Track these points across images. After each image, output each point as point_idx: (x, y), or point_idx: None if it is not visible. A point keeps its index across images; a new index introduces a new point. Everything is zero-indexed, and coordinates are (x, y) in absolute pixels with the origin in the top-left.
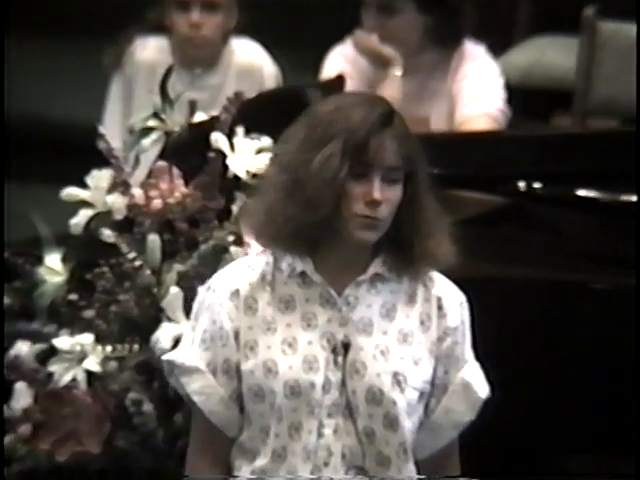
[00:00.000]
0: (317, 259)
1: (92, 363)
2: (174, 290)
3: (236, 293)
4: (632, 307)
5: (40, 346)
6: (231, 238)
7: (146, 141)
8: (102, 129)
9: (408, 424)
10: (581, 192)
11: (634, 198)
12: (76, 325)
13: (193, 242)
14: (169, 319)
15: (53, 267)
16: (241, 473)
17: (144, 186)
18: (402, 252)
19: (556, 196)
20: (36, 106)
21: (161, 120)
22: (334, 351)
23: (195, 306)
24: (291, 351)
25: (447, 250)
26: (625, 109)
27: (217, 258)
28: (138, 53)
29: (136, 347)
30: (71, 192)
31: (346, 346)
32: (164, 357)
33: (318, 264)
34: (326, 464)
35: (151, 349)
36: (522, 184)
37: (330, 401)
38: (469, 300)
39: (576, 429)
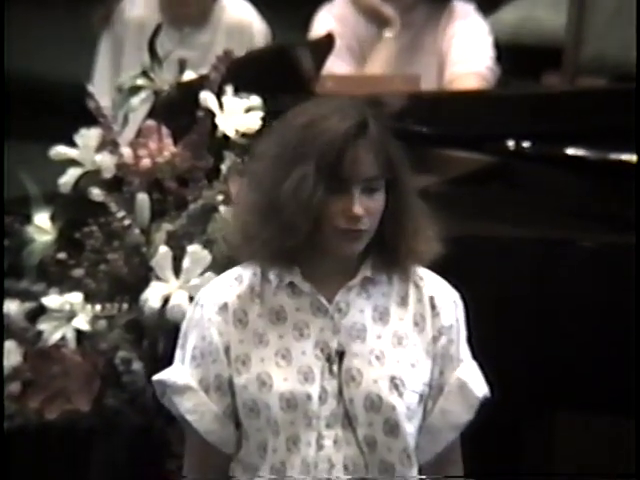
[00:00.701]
0: (305, 267)
1: (81, 322)
2: (163, 249)
3: (224, 307)
4: (620, 265)
5: (29, 305)
6: (220, 197)
7: (135, 100)
8: (91, 88)
9: (409, 429)
10: (570, 151)
11: (624, 157)
12: (65, 284)
13: (182, 201)
14: (158, 278)
15: (42, 226)
16: None
17: (133, 145)
18: (389, 253)
19: (545, 155)
20: (25, 65)
21: (150, 79)
22: (329, 360)
23: (184, 323)
24: (285, 363)
25: (433, 247)
26: (615, 66)
27: (206, 217)
28: (127, 11)
29: (125, 306)
30: (60, 151)
31: (340, 354)
32: (154, 377)
33: (306, 272)
34: (328, 477)
35: (140, 308)
36: (511, 143)
37: (328, 411)
38: (462, 298)
39: (566, 385)
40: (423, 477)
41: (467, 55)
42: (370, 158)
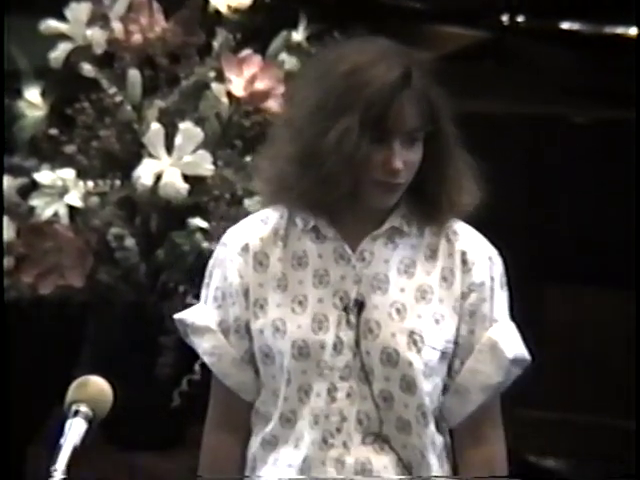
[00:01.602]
0: (332, 213)
1: (74, 198)
2: (155, 126)
3: (246, 248)
4: (614, 140)
5: (21, 180)
6: (212, 74)
7: None
8: None
9: (427, 386)
10: (565, 25)
11: (620, 30)
12: (57, 160)
13: (174, 78)
14: (150, 155)
15: (33, 101)
16: (255, 440)
17: (124, 20)
18: (427, 205)
19: (540, 30)
20: None
21: None
22: (346, 309)
23: (210, 262)
24: (301, 309)
25: (474, 198)
26: None
27: (198, 94)
28: None
29: (117, 183)
30: (50, 25)
31: (360, 304)
32: (176, 316)
33: (333, 218)
34: (338, 430)
35: (132, 185)
36: (505, 18)
37: (343, 363)
38: (502, 257)
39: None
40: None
41: None
42: (413, 109)
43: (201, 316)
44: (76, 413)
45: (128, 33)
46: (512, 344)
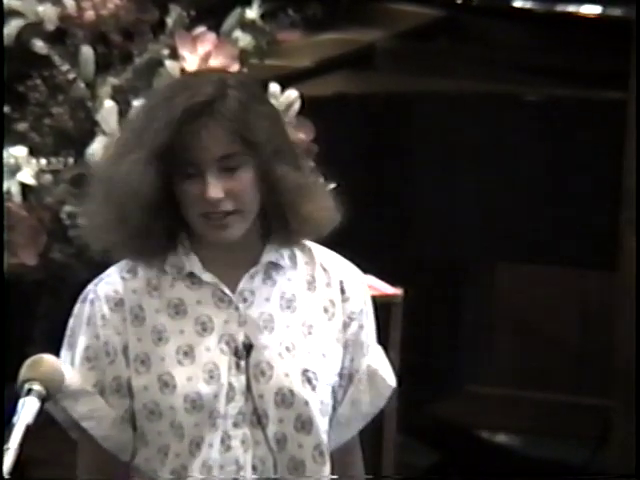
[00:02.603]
0: (204, 255)
1: (26, 176)
2: (109, 104)
3: (120, 303)
4: (565, 117)
5: None
6: (166, 51)
7: None
8: None
9: (323, 424)
10: (517, 3)
11: (571, 8)
12: (9, 138)
13: (128, 55)
14: (104, 133)
15: None
16: None
17: None
18: (279, 229)
19: (493, 8)
20: None
21: None
22: (236, 354)
23: (71, 321)
24: (188, 361)
25: (329, 214)
26: None
27: (152, 72)
28: None
29: (71, 160)
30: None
31: (248, 347)
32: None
33: (206, 261)
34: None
35: (86, 162)
36: None
37: (235, 410)
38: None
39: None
40: (334, 477)
41: None
42: (220, 136)
43: (72, 380)
44: (29, 391)
45: (81, 9)
46: (388, 370)
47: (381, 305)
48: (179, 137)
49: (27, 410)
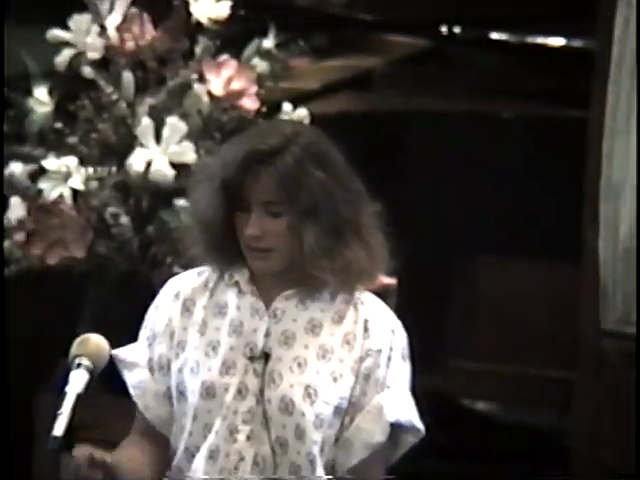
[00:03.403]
0: (252, 271)
1: (76, 182)
2: (146, 121)
3: (177, 295)
4: (537, 133)
5: (31, 167)
6: (195, 76)
7: None
8: None
9: (316, 437)
10: (494, 35)
11: (539, 40)
12: (62, 149)
13: (162, 79)
14: (142, 145)
15: (41, 99)
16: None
17: (119, 30)
18: (312, 279)
19: (473, 39)
20: None
21: None
22: (252, 359)
23: (151, 306)
24: (214, 354)
25: (375, 268)
26: None
27: (182, 93)
28: None
29: (114, 169)
30: (55, 34)
31: (266, 356)
32: (112, 352)
33: (252, 276)
34: (236, 468)
35: (127, 171)
36: (444, 29)
37: (246, 407)
38: (407, 330)
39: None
40: (330, 477)
41: None
42: (272, 184)
43: (133, 353)
44: (79, 365)
45: (122, 41)
46: (399, 410)
47: (378, 294)
48: (238, 176)
49: (77, 381)
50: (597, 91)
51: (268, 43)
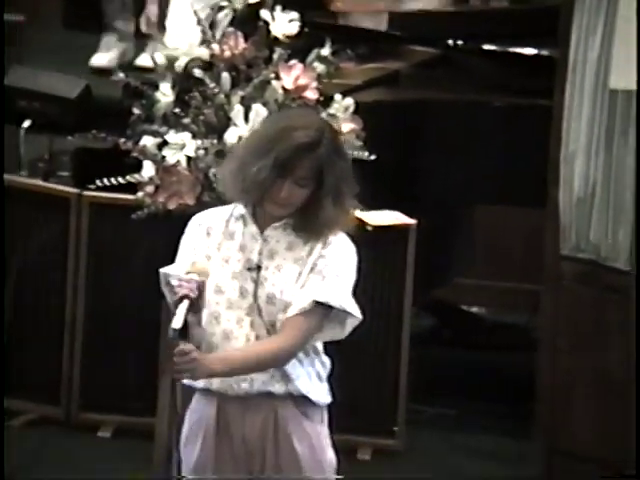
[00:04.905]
0: (256, 210)
1: (189, 150)
2: (238, 107)
3: (202, 223)
4: (520, 118)
5: (158, 140)
6: (272, 75)
7: (220, 15)
8: (195, 4)
9: (290, 314)
10: (486, 47)
11: (519, 50)
12: (179, 128)
13: (249, 77)
14: (235, 125)
15: (165, 92)
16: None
17: (220, 43)
18: (305, 224)
19: (471, 49)
20: None
21: (229, 1)
22: (249, 269)
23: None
24: (226, 265)
25: (338, 228)
26: None
27: (264, 87)
28: None
29: (215, 142)
30: (174, 45)
31: (258, 267)
32: (160, 270)
33: (254, 213)
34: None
35: (224, 143)
36: (450, 41)
37: (247, 304)
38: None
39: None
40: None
41: None
42: (308, 166)
43: (177, 267)
44: (189, 281)
45: (222, 51)
46: (330, 295)
47: (402, 231)
48: (288, 159)
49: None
50: (558, 86)
51: (325, 52)
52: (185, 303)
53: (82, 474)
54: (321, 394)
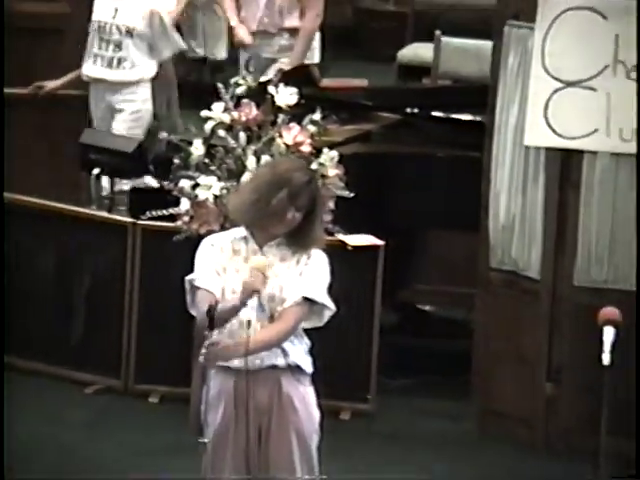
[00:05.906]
0: (255, 231)
1: (216, 190)
2: (251, 158)
3: (214, 244)
4: (460, 169)
5: (192, 182)
6: (277, 134)
7: (238, 90)
8: (221, 87)
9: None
10: (435, 113)
11: (463, 117)
12: (207, 173)
13: (259, 136)
14: (249, 171)
15: (197, 147)
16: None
17: (238, 110)
18: (298, 239)
19: (425, 115)
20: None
21: (245, 80)
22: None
23: (197, 253)
24: (237, 274)
25: (322, 242)
26: (458, 76)
27: (270, 143)
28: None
29: (234, 184)
30: (204, 113)
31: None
32: (186, 277)
33: (255, 233)
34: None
35: (241, 184)
36: (409, 109)
37: (254, 303)
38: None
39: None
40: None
41: None
42: (306, 198)
43: (196, 280)
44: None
45: (240, 117)
46: (313, 292)
47: (374, 250)
48: (295, 192)
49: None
50: (487, 143)
51: (316, 117)
52: (255, 296)
53: (137, 432)
54: (308, 364)
